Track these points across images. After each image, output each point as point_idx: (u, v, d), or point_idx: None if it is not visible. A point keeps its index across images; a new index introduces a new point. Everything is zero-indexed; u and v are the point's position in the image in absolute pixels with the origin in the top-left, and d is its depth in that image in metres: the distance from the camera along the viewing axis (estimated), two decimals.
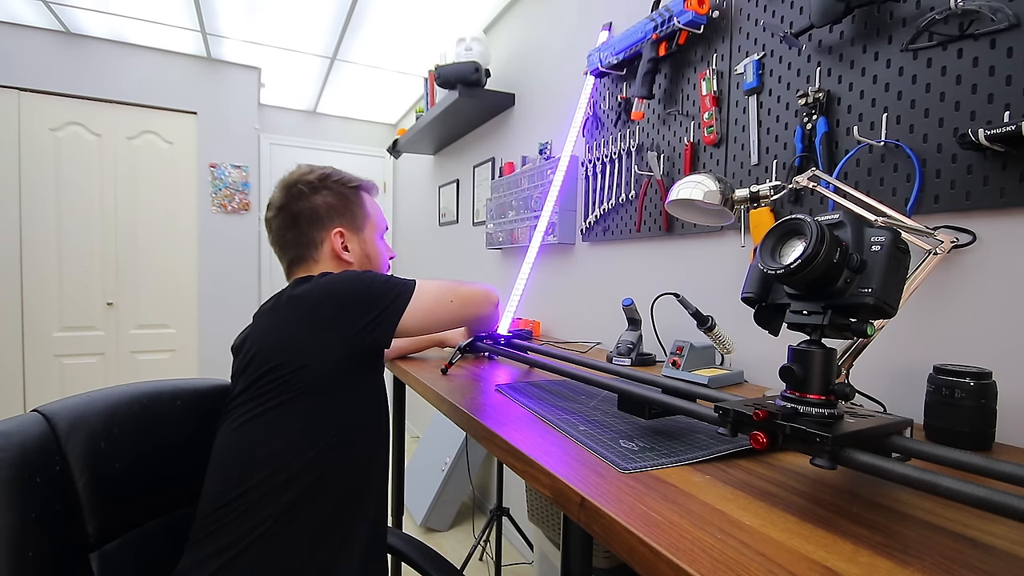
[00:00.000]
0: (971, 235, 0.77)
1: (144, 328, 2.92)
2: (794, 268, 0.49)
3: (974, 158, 0.76)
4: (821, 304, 0.52)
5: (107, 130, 2.79)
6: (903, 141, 0.85)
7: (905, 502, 0.51)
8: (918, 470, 0.43)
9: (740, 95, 1.13)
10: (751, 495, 0.52)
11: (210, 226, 3.01)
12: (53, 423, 0.70)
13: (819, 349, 0.52)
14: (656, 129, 1.38)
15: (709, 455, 0.64)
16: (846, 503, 0.50)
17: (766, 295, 0.58)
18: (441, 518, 2.37)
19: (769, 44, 1.08)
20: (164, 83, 2.89)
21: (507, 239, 2.10)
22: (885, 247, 0.50)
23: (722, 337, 1.07)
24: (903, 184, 0.85)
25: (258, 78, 3.12)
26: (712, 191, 0.92)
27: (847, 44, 0.93)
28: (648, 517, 0.47)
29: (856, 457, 0.46)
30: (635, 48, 1.37)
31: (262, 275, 3.42)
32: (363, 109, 3.73)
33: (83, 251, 2.76)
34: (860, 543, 0.42)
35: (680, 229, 1.31)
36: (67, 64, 2.69)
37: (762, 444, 0.49)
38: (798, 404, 0.51)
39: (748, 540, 0.43)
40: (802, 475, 0.58)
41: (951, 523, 0.46)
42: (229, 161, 3.05)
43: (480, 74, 2.15)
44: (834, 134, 0.95)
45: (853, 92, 0.92)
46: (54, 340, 2.72)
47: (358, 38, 2.64)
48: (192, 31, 2.65)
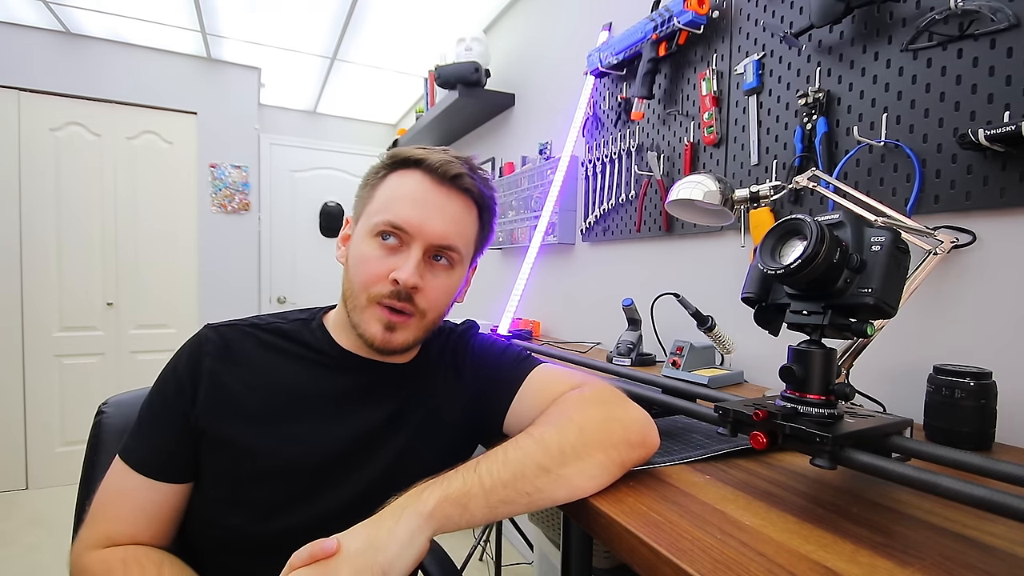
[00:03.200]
0: (971, 235, 0.77)
1: (144, 328, 2.91)
2: (794, 268, 0.49)
3: (974, 158, 0.76)
4: (821, 304, 0.52)
5: (107, 130, 2.79)
6: (903, 141, 0.84)
7: (905, 502, 0.51)
8: (918, 470, 0.43)
9: (740, 95, 1.13)
10: (751, 495, 0.52)
11: (210, 226, 3.01)
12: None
13: (819, 349, 0.52)
14: (656, 129, 1.38)
15: (709, 455, 0.64)
16: (846, 503, 0.50)
17: (766, 295, 0.58)
18: None
19: (769, 44, 1.07)
20: (164, 83, 2.88)
21: (507, 239, 2.10)
22: (885, 247, 0.50)
23: (722, 337, 1.07)
24: (903, 184, 0.85)
25: (258, 78, 3.12)
26: (712, 191, 0.92)
27: (847, 44, 0.93)
28: (648, 517, 0.47)
29: (856, 457, 0.46)
30: (635, 48, 1.37)
31: (262, 275, 3.42)
32: (363, 109, 3.73)
33: (83, 251, 2.76)
34: (860, 543, 0.42)
35: (680, 229, 1.30)
36: (67, 64, 2.69)
37: (762, 444, 0.49)
38: (798, 404, 0.51)
39: (748, 540, 0.43)
40: (802, 475, 0.58)
41: (951, 523, 0.46)
42: (229, 161, 3.04)
43: (480, 74, 2.15)
44: (834, 134, 0.95)
45: (853, 92, 0.92)
46: (54, 340, 2.71)
47: (358, 38, 2.64)
48: (192, 31, 2.65)
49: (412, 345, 0.67)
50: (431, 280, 0.65)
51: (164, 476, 0.61)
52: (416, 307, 0.64)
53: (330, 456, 0.63)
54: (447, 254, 0.66)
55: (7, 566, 2.05)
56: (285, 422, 0.62)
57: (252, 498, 0.61)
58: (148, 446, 0.62)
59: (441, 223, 0.64)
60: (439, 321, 0.69)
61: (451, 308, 0.71)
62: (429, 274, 0.65)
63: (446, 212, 0.65)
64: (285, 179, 3.65)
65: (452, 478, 0.50)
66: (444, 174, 0.65)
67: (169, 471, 0.61)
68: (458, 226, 0.66)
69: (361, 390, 0.67)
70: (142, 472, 0.60)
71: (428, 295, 0.64)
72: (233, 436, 0.61)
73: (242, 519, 0.60)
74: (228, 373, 0.63)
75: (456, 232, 0.66)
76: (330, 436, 0.64)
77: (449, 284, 0.67)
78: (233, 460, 0.61)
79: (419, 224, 0.63)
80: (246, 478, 0.61)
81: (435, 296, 0.65)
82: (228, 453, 0.61)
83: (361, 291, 0.64)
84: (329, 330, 0.70)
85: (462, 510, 0.48)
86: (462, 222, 0.67)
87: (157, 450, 0.61)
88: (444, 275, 0.66)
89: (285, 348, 0.67)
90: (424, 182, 0.65)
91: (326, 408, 0.65)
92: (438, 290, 0.65)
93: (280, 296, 3.63)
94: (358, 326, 0.64)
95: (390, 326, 0.63)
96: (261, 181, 3.40)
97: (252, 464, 0.61)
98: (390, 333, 0.63)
